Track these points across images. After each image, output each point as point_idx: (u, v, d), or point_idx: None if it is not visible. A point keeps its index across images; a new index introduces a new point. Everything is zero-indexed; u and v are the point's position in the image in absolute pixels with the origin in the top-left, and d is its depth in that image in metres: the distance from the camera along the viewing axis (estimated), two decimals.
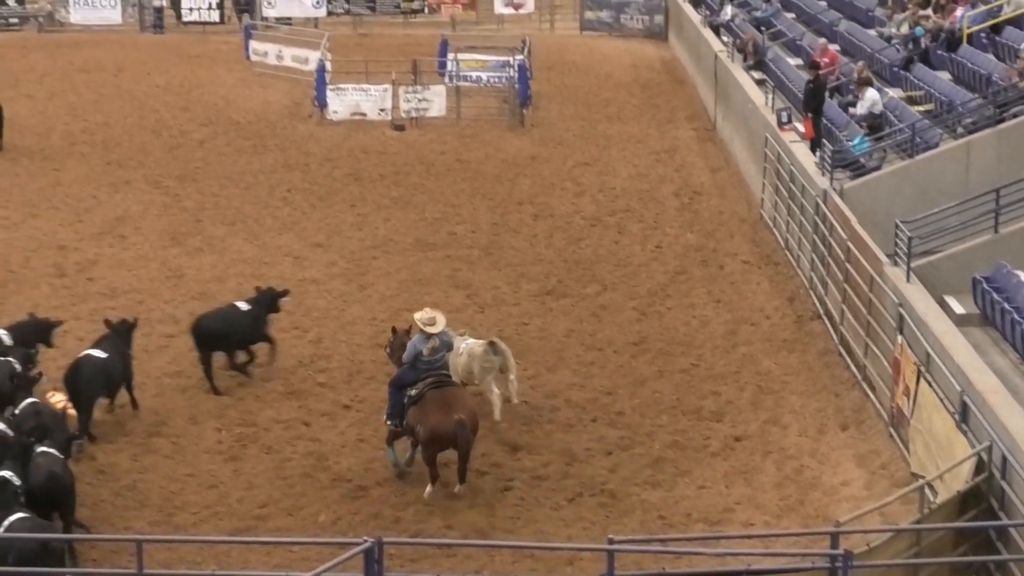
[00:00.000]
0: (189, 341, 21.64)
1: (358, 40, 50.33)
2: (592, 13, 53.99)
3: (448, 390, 17.42)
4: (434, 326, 17.65)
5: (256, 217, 28.89)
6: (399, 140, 35.99)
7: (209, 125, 37.38)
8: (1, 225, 28.16)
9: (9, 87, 41.87)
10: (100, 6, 54.16)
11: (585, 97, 41.42)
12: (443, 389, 17.36)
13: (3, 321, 22.27)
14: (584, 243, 27.42)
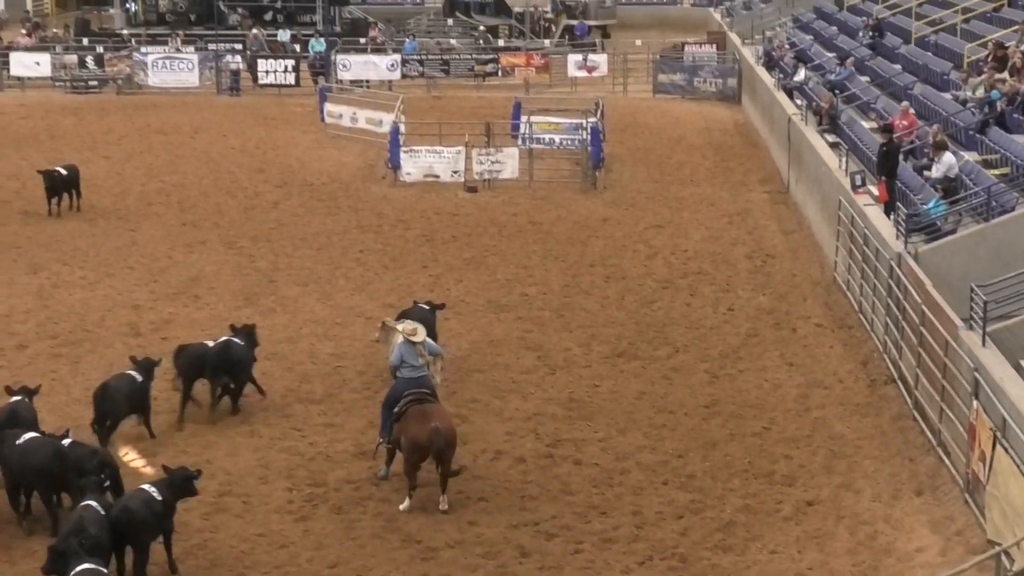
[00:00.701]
0: (263, 400, 21.82)
1: (432, 102, 50.68)
2: (665, 76, 54.11)
3: (427, 405, 18.66)
4: (415, 335, 19.29)
5: (329, 278, 29.03)
6: (472, 202, 36.12)
7: (283, 186, 37.68)
8: (78, 284, 28.45)
9: (88, 148, 42.49)
10: (178, 69, 54.87)
11: (658, 159, 41.44)
12: (423, 404, 18.63)
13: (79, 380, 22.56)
14: (656, 305, 27.35)
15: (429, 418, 18.29)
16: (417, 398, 18.77)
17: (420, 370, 19.22)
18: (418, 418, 18.36)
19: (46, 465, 17.35)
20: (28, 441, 17.65)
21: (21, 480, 17.65)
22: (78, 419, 21.13)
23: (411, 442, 18.28)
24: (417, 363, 19.19)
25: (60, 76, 55.28)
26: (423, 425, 18.20)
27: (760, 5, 65.19)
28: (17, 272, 29.28)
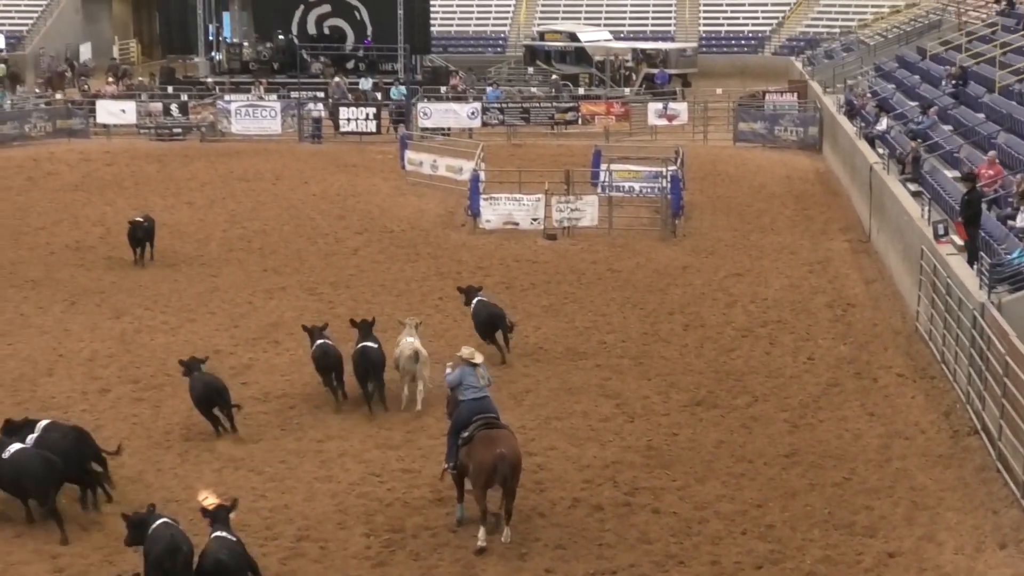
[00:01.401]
0: (341, 446, 21.89)
1: (512, 150, 50.87)
2: (746, 124, 54.00)
3: (495, 431, 18.65)
4: (474, 358, 19.37)
5: None
6: (551, 249, 36.15)
7: (364, 233, 37.90)
8: (160, 329, 28.71)
9: (171, 195, 43.00)
10: (261, 116, 55.50)
11: (738, 208, 41.33)
12: (490, 430, 18.64)
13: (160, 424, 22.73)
14: (735, 354, 27.20)
15: (495, 443, 18.35)
16: (486, 423, 18.85)
17: (482, 391, 19.28)
18: (485, 443, 18.43)
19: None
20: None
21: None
22: (157, 462, 21.31)
23: (477, 467, 18.35)
24: (479, 385, 19.26)
25: (145, 123, 56.09)
26: (489, 450, 18.26)
27: (842, 54, 64.99)
28: (101, 317, 29.61)
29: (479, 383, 19.34)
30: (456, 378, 19.44)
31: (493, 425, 18.91)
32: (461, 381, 19.34)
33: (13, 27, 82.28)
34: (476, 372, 19.38)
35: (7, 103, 57.57)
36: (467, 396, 19.22)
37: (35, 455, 19.01)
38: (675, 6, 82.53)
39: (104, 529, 18.87)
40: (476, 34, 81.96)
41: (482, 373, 19.49)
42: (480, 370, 19.46)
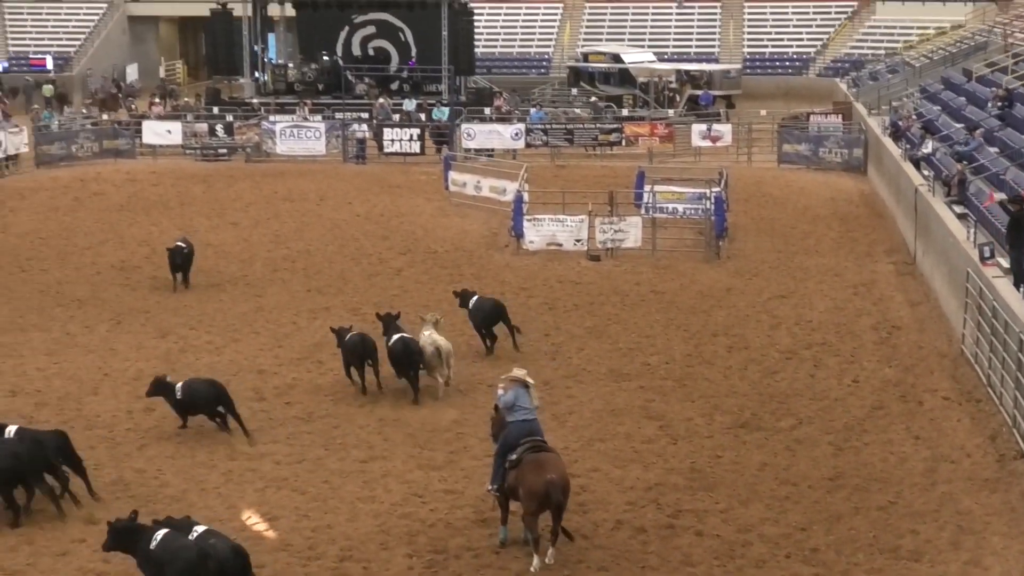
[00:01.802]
0: (384, 466, 21.91)
1: (555, 171, 50.90)
2: (790, 146, 53.85)
3: (543, 454, 18.59)
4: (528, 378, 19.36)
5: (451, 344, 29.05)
6: (594, 270, 36.12)
7: (407, 253, 37.98)
8: (204, 349, 28.82)
9: (216, 215, 43.21)
10: (305, 137, 55.70)
11: (782, 229, 41.21)
12: (539, 453, 18.57)
13: (204, 444, 22.78)
14: (779, 376, 27.10)
15: (545, 468, 18.27)
16: (534, 446, 18.77)
17: (532, 413, 19.21)
18: (534, 468, 18.33)
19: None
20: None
21: None
22: (201, 482, 21.38)
23: (528, 492, 18.26)
24: (530, 406, 19.20)
25: (191, 144, 56.35)
26: (539, 475, 18.17)
27: (887, 75, 64.79)
28: (146, 336, 29.75)
29: (531, 405, 19.27)
30: (511, 399, 19.27)
31: (541, 448, 18.82)
32: (515, 402, 19.20)
33: (61, 48, 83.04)
34: (529, 392, 19.30)
35: (55, 123, 57.96)
36: (517, 417, 19.13)
37: None
38: (719, 27, 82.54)
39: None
40: (520, 55, 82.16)
41: (533, 394, 19.43)
42: (532, 390, 19.40)
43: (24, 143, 54.06)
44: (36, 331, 30.19)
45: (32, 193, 47.94)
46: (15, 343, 29.19)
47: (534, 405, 19.37)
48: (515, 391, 19.29)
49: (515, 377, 19.39)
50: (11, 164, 53.05)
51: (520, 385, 19.30)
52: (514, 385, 19.30)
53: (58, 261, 37.20)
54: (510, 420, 19.21)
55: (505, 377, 19.66)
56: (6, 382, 26.29)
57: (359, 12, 69.56)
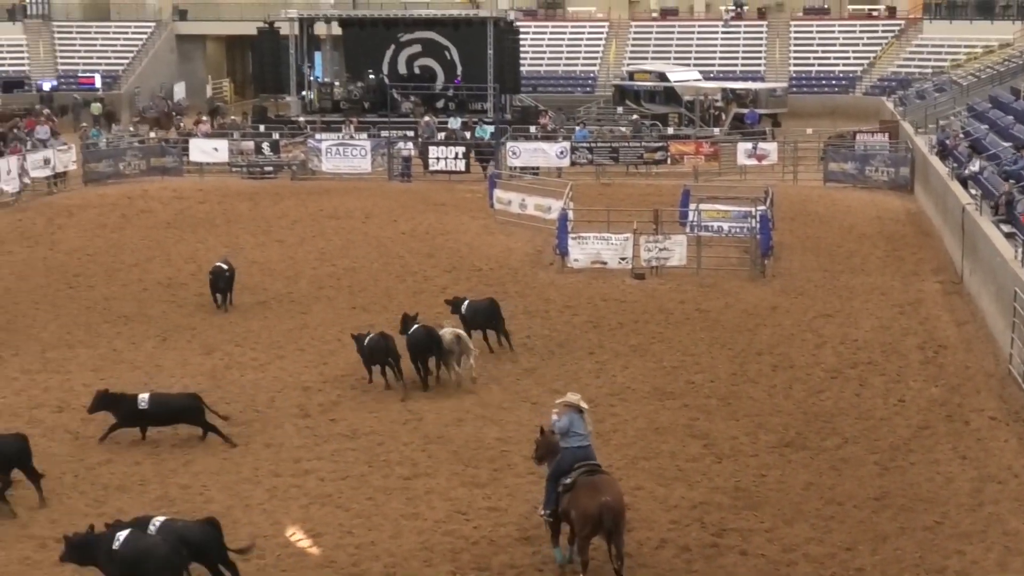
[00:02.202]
0: (427, 483, 21.91)
1: (600, 189, 50.91)
2: (836, 164, 53.69)
3: (598, 477, 18.42)
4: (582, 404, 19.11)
5: (495, 362, 29.12)
6: (639, 289, 36.07)
7: (452, 271, 38.02)
8: (250, 366, 28.92)
9: (262, 232, 43.40)
10: (351, 155, 55.98)
11: (828, 248, 41.07)
12: (593, 476, 18.39)
13: (249, 460, 22.83)
14: (824, 395, 26.98)
15: (600, 491, 18.09)
16: (588, 469, 18.60)
17: (586, 439, 19.04)
18: (589, 491, 18.16)
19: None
20: None
21: None
22: (246, 498, 21.44)
23: (582, 516, 18.09)
24: (585, 432, 19.03)
25: (237, 162, 56.67)
26: (593, 498, 18.00)
27: (934, 94, 64.55)
28: (191, 352, 29.89)
29: (585, 431, 19.11)
30: (565, 424, 19.06)
31: (595, 471, 18.68)
32: (570, 427, 19.01)
33: (109, 67, 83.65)
34: (584, 418, 19.14)
35: (102, 141, 58.38)
36: (571, 444, 18.94)
37: None
38: (765, 46, 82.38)
39: None
40: (566, 74, 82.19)
41: (588, 420, 19.29)
42: (586, 416, 19.25)
43: (72, 161, 54.51)
44: (83, 347, 30.38)
45: (80, 210, 48.30)
46: (62, 359, 29.37)
47: (588, 431, 19.26)
48: (570, 416, 19.10)
49: (570, 402, 19.25)
50: (59, 181, 53.49)
51: (575, 410, 19.14)
52: (568, 410, 19.13)
53: (105, 278, 37.43)
54: (564, 446, 19.03)
55: (560, 402, 19.53)
56: (53, 398, 26.46)
57: (405, 31, 69.84)
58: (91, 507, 20.79)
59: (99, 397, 24.11)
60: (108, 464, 22.85)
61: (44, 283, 36.74)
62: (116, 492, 21.60)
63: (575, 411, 19.13)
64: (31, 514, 20.64)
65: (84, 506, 20.63)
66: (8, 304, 34.32)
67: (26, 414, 25.31)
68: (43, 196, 51.63)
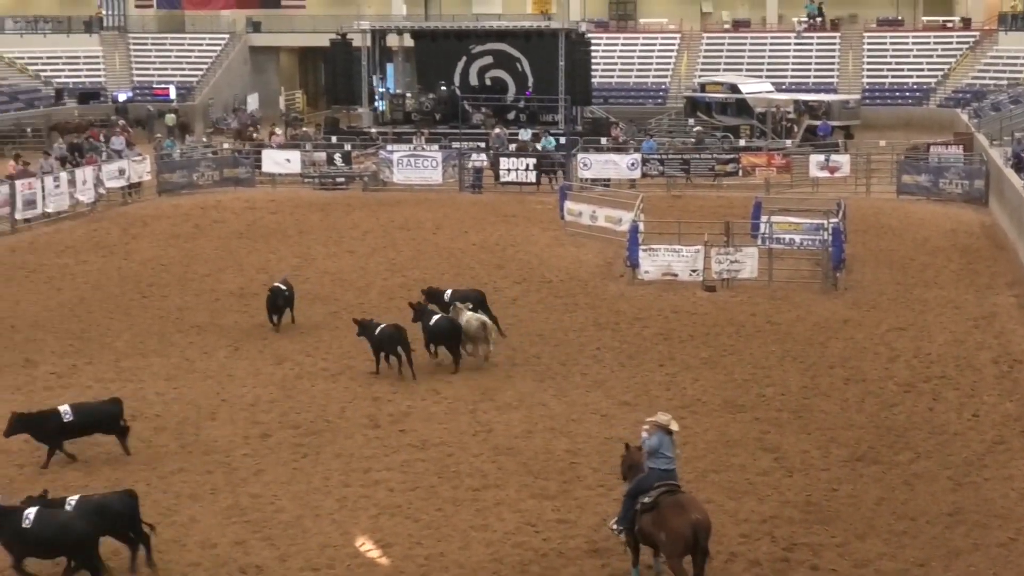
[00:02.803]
0: (497, 495, 21.91)
1: (671, 201, 50.78)
2: (910, 177, 53.24)
3: (682, 495, 18.28)
4: (671, 426, 18.83)
5: (565, 374, 29.10)
6: (710, 301, 35.93)
7: (522, 283, 38.03)
8: (320, 376, 29.04)
9: (333, 243, 43.61)
10: (422, 167, 56.11)
11: (900, 261, 40.76)
12: (676, 495, 18.23)
13: (319, 470, 22.92)
14: (897, 409, 26.76)
15: (688, 509, 17.95)
16: (668, 489, 18.43)
17: (672, 463, 18.83)
18: (676, 510, 17.99)
19: None
20: None
21: None
22: (316, 508, 21.52)
23: (673, 536, 17.89)
24: (671, 455, 18.84)
25: (309, 173, 56.97)
26: (683, 517, 17.83)
27: (1009, 106, 63.90)
28: (263, 362, 30.05)
29: (673, 453, 18.91)
30: (655, 444, 18.84)
31: (675, 491, 18.47)
32: (658, 448, 18.80)
33: (184, 78, 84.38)
34: (672, 440, 18.92)
35: (176, 152, 58.88)
36: (657, 465, 18.74)
37: None
38: (838, 58, 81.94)
39: None
40: (637, 85, 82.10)
41: (676, 442, 19.09)
42: (675, 439, 19.05)
43: (147, 171, 55.04)
44: (156, 356, 30.62)
45: (154, 220, 48.72)
46: (135, 368, 29.62)
47: (676, 453, 19.09)
48: (659, 436, 18.88)
49: (660, 423, 19.04)
50: (134, 192, 54.01)
51: (664, 431, 18.94)
52: (658, 430, 18.98)
53: (178, 288, 37.72)
54: (650, 465, 18.86)
55: (651, 420, 19.31)
56: (127, 406, 26.52)
57: (477, 42, 69.97)
58: (163, 516, 20.94)
59: (14, 420, 23.52)
60: (180, 473, 23.01)
61: (118, 292, 37.08)
62: (188, 501, 21.74)
63: (665, 432, 18.90)
64: None
65: (156, 515, 20.77)
66: (83, 313, 34.66)
67: None
68: (118, 206, 52.15)
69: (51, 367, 29.62)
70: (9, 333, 32.47)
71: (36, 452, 23.73)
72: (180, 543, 20.09)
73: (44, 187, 48.06)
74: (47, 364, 29.86)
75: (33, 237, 45.59)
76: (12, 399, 27.02)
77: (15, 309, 34.42)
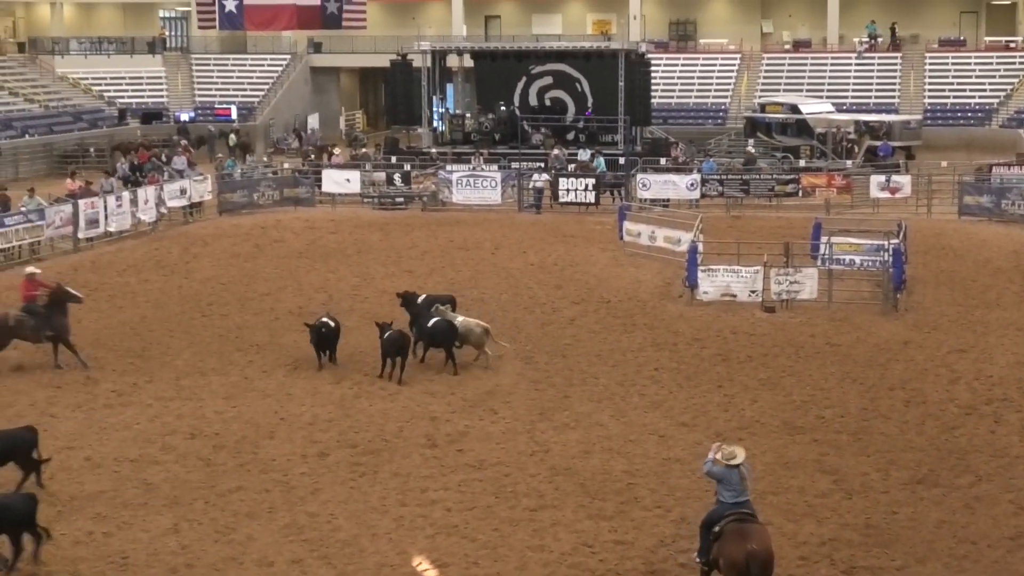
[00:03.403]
0: (553, 515, 21.87)
1: (730, 222, 50.66)
2: (972, 198, 52.85)
3: (747, 525, 18.03)
4: (735, 459, 18.56)
5: (623, 395, 29.04)
6: (769, 322, 35.78)
7: (580, 303, 38.00)
8: (378, 395, 29.09)
9: (392, 263, 43.73)
10: (481, 187, 56.18)
11: (962, 282, 40.46)
12: (743, 524, 18.04)
13: (376, 489, 22.95)
14: (958, 431, 26.53)
15: (746, 538, 17.80)
16: (737, 517, 18.31)
17: (743, 495, 18.59)
18: (735, 538, 17.90)
19: None
20: None
21: None
22: (373, 527, 21.55)
23: (728, 563, 17.82)
24: (740, 488, 18.60)
25: (369, 192, 57.18)
26: (740, 545, 17.71)
27: None
28: (321, 381, 30.13)
29: (741, 485, 18.65)
30: (717, 475, 18.75)
31: (744, 519, 18.32)
32: (723, 478, 18.67)
33: (245, 98, 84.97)
34: (736, 472, 18.66)
35: (237, 172, 59.27)
36: (726, 498, 18.64)
37: None
38: (899, 78, 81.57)
39: None
40: (697, 105, 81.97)
41: (744, 473, 18.72)
42: (742, 469, 18.70)
43: (208, 191, 55.40)
44: (215, 375, 30.77)
45: (214, 240, 49.02)
46: (195, 386, 29.78)
47: (744, 486, 18.71)
48: (722, 469, 18.72)
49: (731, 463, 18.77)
50: (195, 211, 54.36)
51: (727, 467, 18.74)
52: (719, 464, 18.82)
53: (238, 306, 37.90)
54: (720, 498, 18.75)
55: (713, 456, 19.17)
56: (186, 425, 26.83)
57: (536, 63, 70.20)
58: (221, 534, 21.05)
59: None
60: (238, 491, 23.09)
61: (178, 311, 37.31)
62: (245, 519, 21.82)
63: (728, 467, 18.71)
64: (163, 539, 20.92)
65: (214, 532, 20.87)
66: (143, 331, 34.89)
67: (159, 440, 25.69)
68: (179, 225, 52.51)
69: (112, 385, 29.83)
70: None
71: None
72: (238, 561, 20.16)
73: (107, 206, 48.44)
74: (108, 382, 30.07)
75: (95, 256, 45.97)
76: (73, 416, 27.28)
77: (77, 327, 34.62)
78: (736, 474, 18.61)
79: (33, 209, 45.61)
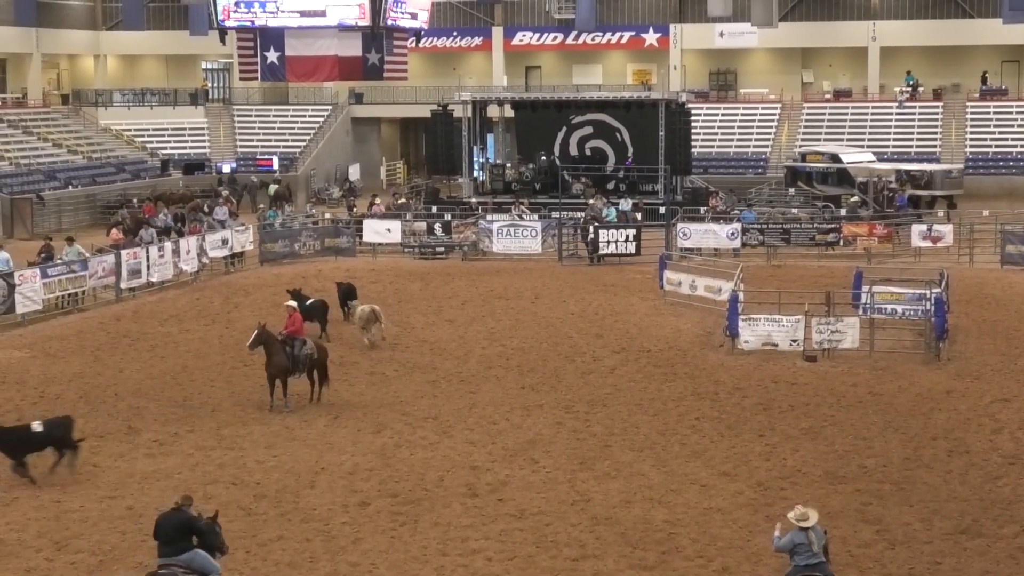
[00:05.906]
0: (595, 565, 21.79)
1: (771, 271, 50.59)
2: (1014, 247, 52.64)
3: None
4: (807, 521, 18.48)
5: (664, 444, 28.97)
6: (810, 371, 35.66)
7: (621, 352, 37.97)
8: (419, 444, 29.10)
9: (433, 312, 43.81)
10: (521, 236, 56.32)
11: (1005, 331, 40.26)
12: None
13: (417, 539, 22.91)
14: (1002, 481, 26.34)
15: None
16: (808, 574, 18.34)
17: (817, 556, 18.56)
18: None
19: None
20: None
21: None
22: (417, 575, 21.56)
23: None
24: (813, 550, 18.55)
25: (409, 242, 57.39)
26: None
27: None
28: (362, 431, 30.18)
29: (813, 548, 18.60)
30: (787, 544, 18.75)
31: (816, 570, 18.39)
32: (793, 545, 18.67)
33: (287, 149, 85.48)
34: (808, 535, 18.65)
35: (278, 222, 59.58)
36: (800, 562, 18.62)
37: None
38: (941, 127, 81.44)
39: None
40: (737, 155, 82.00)
41: (814, 538, 18.66)
42: (811, 534, 18.66)
43: (249, 241, 55.73)
44: (256, 424, 30.85)
45: (256, 289, 49.24)
46: (237, 436, 29.86)
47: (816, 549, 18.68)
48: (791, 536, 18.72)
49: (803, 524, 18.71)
50: (237, 261, 54.65)
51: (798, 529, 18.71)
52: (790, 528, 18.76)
53: None
54: (793, 563, 18.71)
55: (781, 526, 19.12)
56: (228, 474, 26.89)
57: (577, 113, 70.41)
58: None
59: None
60: (280, 541, 23.11)
61: (220, 360, 37.44)
62: (287, 569, 21.84)
63: (798, 530, 18.69)
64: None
65: None
66: (185, 381, 35.03)
67: (201, 490, 25.71)
68: (221, 275, 52.80)
69: (153, 434, 29.94)
70: (112, 400, 32.86)
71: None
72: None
73: (149, 257, 48.76)
74: (149, 431, 30.18)
75: (137, 306, 46.23)
76: (115, 466, 27.38)
77: (119, 377, 34.84)
78: (805, 536, 18.53)
79: (74, 259, 45.91)
